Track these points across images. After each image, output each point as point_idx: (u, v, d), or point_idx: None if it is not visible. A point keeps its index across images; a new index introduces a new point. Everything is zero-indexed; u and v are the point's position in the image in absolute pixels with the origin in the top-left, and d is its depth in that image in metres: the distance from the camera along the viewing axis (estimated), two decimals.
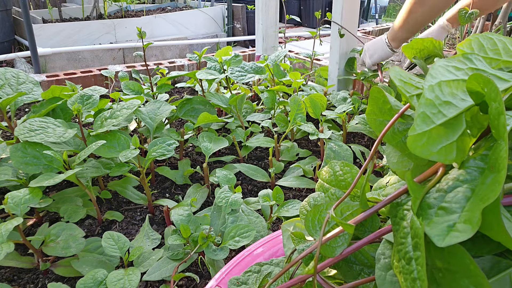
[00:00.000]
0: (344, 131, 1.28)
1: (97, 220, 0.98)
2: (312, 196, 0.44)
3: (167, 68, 2.03)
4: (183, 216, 0.87)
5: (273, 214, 0.91)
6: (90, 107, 1.03)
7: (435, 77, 0.29)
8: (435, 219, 0.26)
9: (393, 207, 0.31)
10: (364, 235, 0.38)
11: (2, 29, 2.68)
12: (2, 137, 1.35)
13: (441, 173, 0.29)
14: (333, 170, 0.43)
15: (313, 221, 0.37)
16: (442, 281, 0.27)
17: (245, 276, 0.60)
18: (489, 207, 0.25)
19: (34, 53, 2.07)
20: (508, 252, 0.29)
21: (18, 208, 0.78)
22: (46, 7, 3.42)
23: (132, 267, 0.78)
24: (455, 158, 0.27)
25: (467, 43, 0.34)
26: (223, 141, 1.16)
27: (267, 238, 0.74)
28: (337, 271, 0.39)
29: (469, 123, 0.29)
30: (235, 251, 0.88)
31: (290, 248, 0.47)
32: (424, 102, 0.27)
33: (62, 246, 0.81)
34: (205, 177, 1.09)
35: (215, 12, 3.59)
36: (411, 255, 0.27)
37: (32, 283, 0.82)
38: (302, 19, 4.45)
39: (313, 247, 0.35)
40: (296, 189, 1.13)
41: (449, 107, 0.27)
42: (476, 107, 0.29)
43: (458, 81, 0.29)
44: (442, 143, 0.27)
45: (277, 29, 2.10)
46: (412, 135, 0.26)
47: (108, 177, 1.16)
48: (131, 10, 3.68)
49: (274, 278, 0.41)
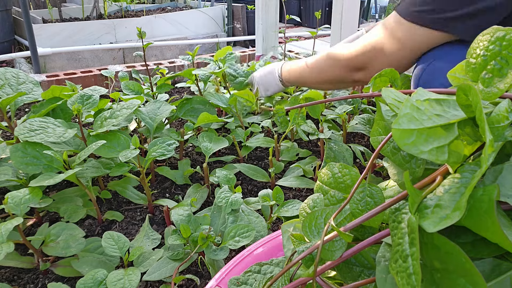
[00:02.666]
0: (344, 131, 1.28)
1: (97, 220, 0.98)
2: (312, 197, 0.44)
3: (167, 68, 2.03)
4: (183, 216, 0.87)
5: (273, 214, 0.91)
6: (90, 107, 1.03)
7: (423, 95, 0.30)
8: (430, 216, 0.27)
9: (392, 213, 0.31)
10: (364, 237, 0.38)
11: (2, 29, 2.68)
12: (2, 137, 1.35)
13: (439, 181, 0.30)
14: (332, 172, 0.43)
15: (310, 226, 0.38)
16: (440, 282, 0.27)
17: (245, 276, 0.60)
18: (484, 208, 0.26)
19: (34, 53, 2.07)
20: (508, 255, 0.29)
21: (18, 208, 0.78)
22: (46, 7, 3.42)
23: (132, 267, 0.78)
24: (447, 159, 0.28)
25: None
26: (223, 141, 1.16)
27: (267, 238, 0.74)
28: (337, 273, 0.39)
29: (469, 134, 0.30)
30: (235, 251, 0.88)
31: (290, 249, 0.47)
32: (410, 105, 0.28)
33: (62, 246, 0.82)
34: (205, 177, 1.09)
35: (215, 12, 3.59)
36: (407, 252, 0.27)
37: (32, 283, 0.82)
38: (302, 19, 4.45)
39: (311, 249, 0.36)
40: (296, 189, 1.13)
41: (440, 118, 0.29)
42: (471, 120, 0.30)
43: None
44: (433, 144, 0.28)
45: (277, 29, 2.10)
46: (398, 130, 0.27)
47: (108, 177, 1.16)
48: (131, 10, 3.67)
49: (274, 279, 0.41)
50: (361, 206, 0.36)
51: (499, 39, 0.31)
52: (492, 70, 0.31)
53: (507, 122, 0.30)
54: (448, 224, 0.26)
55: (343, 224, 0.37)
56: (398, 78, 0.42)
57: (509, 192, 0.28)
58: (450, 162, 0.28)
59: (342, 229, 0.33)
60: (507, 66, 0.30)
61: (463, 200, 0.26)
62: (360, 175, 0.39)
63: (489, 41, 0.32)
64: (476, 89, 0.27)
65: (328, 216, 0.39)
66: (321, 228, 0.38)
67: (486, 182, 0.30)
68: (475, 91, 0.27)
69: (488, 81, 0.32)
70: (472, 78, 0.33)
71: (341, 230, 0.33)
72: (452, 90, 0.33)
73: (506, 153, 0.32)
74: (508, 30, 0.31)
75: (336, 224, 0.38)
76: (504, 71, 0.31)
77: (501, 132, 0.30)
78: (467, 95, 0.28)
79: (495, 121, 0.30)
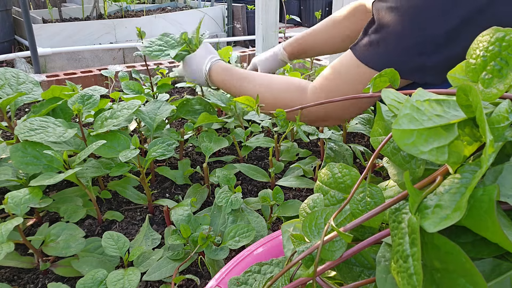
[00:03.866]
0: (344, 131, 1.28)
1: (97, 220, 0.98)
2: (312, 197, 0.44)
3: (167, 68, 2.03)
4: (183, 216, 0.87)
5: (273, 214, 0.91)
6: (90, 107, 1.03)
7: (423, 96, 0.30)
8: (431, 216, 0.28)
9: (392, 213, 0.31)
10: (364, 237, 0.38)
11: (2, 29, 2.68)
12: (2, 137, 1.35)
13: (439, 181, 0.30)
14: (331, 172, 0.43)
15: (310, 227, 0.38)
16: (440, 282, 0.27)
17: (245, 276, 0.60)
18: (484, 208, 0.26)
19: (34, 53, 2.07)
20: (509, 255, 0.29)
21: (18, 208, 0.78)
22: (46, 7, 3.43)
23: (132, 267, 0.78)
24: (447, 159, 0.28)
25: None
26: (223, 141, 1.16)
27: (267, 238, 0.74)
28: (337, 273, 0.39)
29: (469, 134, 0.30)
30: (235, 251, 0.88)
31: (290, 249, 0.47)
32: (409, 106, 0.28)
33: (62, 246, 0.82)
34: (205, 177, 1.09)
35: (215, 12, 3.59)
36: (408, 252, 0.27)
37: (32, 283, 0.82)
38: (302, 19, 4.45)
39: (311, 249, 0.36)
40: (296, 189, 1.13)
41: (440, 118, 0.29)
42: (471, 121, 0.30)
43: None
44: (433, 144, 0.28)
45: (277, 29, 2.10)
46: (398, 130, 0.27)
47: (108, 177, 1.16)
48: (131, 10, 3.68)
49: (274, 279, 0.41)
50: (361, 207, 0.36)
51: (499, 39, 0.31)
52: (492, 70, 0.31)
53: (507, 123, 0.30)
54: (448, 224, 0.26)
55: (343, 224, 0.37)
56: (398, 79, 0.42)
57: (509, 192, 0.28)
58: (450, 162, 0.28)
59: (342, 229, 0.33)
60: (506, 67, 0.31)
61: (464, 200, 0.26)
62: (360, 175, 0.39)
63: (489, 41, 0.32)
64: (476, 89, 0.27)
65: (328, 216, 0.39)
66: (321, 228, 0.38)
67: (486, 182, 0.30)
68: (475, 91, 0.27)
69: (488, 82, 0.32)
70: (472, 79, 0.33)
71: (341, 230, 0.33)
72: (452, 91, 0.33)
73: (506, 154, 0.32)
74: (508, 31, 0.31)
75: (336, 224, 0.38)
76: (504, 72, 0.31)
77: (501, 133, 0.30)
78: (467, 96, 0.29)
79: (495, 122, 0.30)
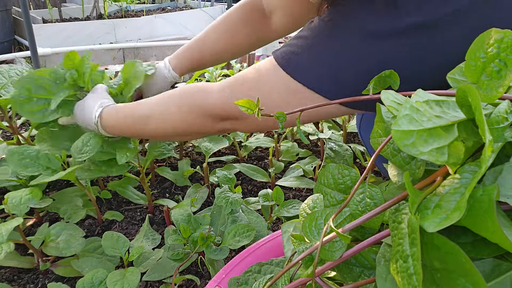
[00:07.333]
0: (344, 131, 1.29)
1: (97, 220, 0.98)
2: (312, 198, 0.44)
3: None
4: (183, 216, 0.87)
5: (273, 214, 0.92)
6: None
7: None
8: (430, 216, 0.28)
9: (392, 213, 0.31)
10: (364, 237, 0.38)
11: (2, 29, 2.68)
12: (2, 137, 1.35)
13: (439, 181, 0.30)
14: (331, 173, 0.43)
15: (310, 227, 0.38)
16: (440, 281, 0.27)
17: (245, 276, 0.60)
18: (484, 208, 0.26)
19: (34, 53, 2.07)
20: (508, 255, 0.29)
21: (18, 208, 0.78)
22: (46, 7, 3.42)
23: (132, 267, 0.78)
24: (447, 160, 0.28)
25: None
26: (223, 141, 1.16)
27: (267, 238, 0.74)
28: (337, 273, 0.39)
29: (468, 134, 0.30)
30: (235, 251, 0.88)
31: (290, 250, 0.47)
32: (409, 107, 0.28)
33: (62, 246, 0.82)
34: (205, 177, 1.10)
35: (215, 12, 3.59)
36: (408, 252, 0.27)
37: (32, 283, 0.82)
38: None
39: (311, 250, 0.36)
40: (296, 189, 1.13)
41: (439, 119, 0.29)
42: (470, 122, 0.30)
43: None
44: (432, 145, 0.28)
45: None
46: (398, 131, 0.27)
47: (108, 177, 1.16)
48: (131, 10, 3.67)
49: (274, 279, 0.42)
50: (361, 208, 0.36)
51: (498, 41, 0.31)
52: (491, 72, 0.32)
53: (507, 123, 0.30)
54: (448, 224, 0.26)
55: (343, 225, 0.37)
56: (397, 80, 0.42)
57: (508, 193, 0.28)
58: (450, 163, 0.28)
59: (341, 230, 0.33)
60: (505, 68, 0.31)
61: (463, 200, 0.26)
62: (360, 176, 0.39)
63: (488, 43, 0.32)
64: (476, 90, 0.27)
65: (328, 217, 0.39)
66: (321, 229, 0.38)
67: (486, 183, 0.30)
68: (474, 92, 0.27)
69: (487, 83, 0.32)
70: (471, 80, 0.33)
71: (341, 231, 0.33)
72: (452, 92, 0.33)
73: (506, 154, 0.32)
74: (506, 33, 0.31)
75: (336, 225, 0.38)
76: (503, 73, 0.31)
77: (500, 133, 0.30)
78: (467, 96, 0.29)
79: (494, 122, 0.30)
